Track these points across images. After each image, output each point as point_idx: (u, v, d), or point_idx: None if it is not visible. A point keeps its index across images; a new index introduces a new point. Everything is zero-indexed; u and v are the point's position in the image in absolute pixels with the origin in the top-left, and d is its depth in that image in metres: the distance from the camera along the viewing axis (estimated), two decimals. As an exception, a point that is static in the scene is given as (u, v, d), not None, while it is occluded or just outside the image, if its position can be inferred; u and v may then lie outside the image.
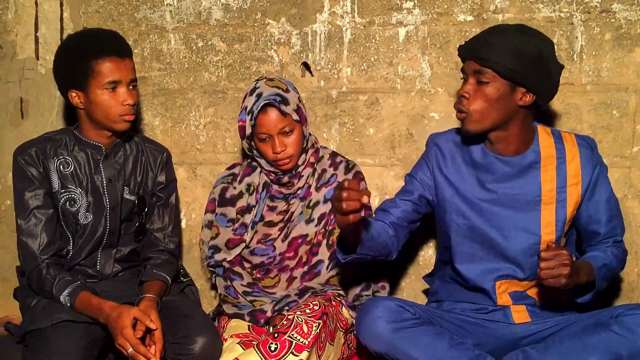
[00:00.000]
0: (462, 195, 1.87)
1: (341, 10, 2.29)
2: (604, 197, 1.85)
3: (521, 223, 1.82)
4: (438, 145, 1.94)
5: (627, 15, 2.12)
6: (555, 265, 1.63)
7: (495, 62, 1.71)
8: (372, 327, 1.74)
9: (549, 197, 1.82)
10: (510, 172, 1.83)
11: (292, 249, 2.01)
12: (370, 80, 2.31)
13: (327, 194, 2.02)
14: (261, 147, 1.96)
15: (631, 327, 1.62)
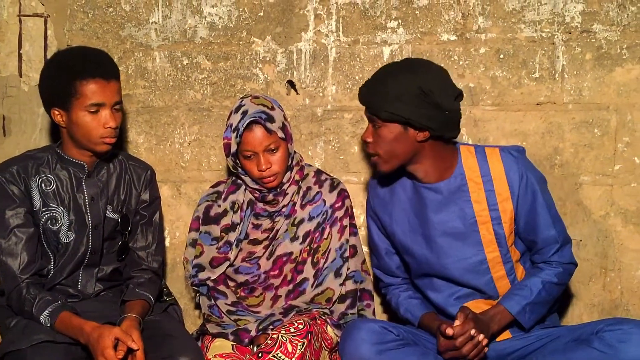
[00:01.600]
0: (405, 233, 1.92)
1: (326, 29, 2.31)
2: (536, 205, 1.84)
3: (465, 248, 1.85)
4: (374, 189, 2.00)
5: (607, 36, 2.15)
6: (457, 355, 1.73)
7: (378, 111, 1.78)
8: (356, 350, 1.74)
9: (483, 216, 1.84)
10: (441, 200, 1.86)
11: (276, 267, 1.99)
12: (355, 98, 2.29)
13: (312, 211, 2.02)
14: (246, 164, 1.96)
15: (611, 343, 1.63)
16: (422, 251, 1.89)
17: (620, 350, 1.61)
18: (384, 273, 2.05)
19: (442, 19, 2.24)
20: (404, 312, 1.97)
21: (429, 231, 1.87)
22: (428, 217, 1.87)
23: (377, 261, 2.06)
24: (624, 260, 2.20)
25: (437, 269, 1.88)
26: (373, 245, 2.04)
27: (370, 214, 2.03)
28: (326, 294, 1.97)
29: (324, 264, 1.99)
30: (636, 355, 1.60)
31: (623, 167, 2.17)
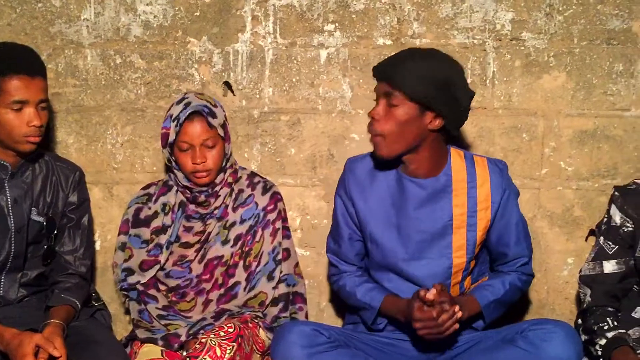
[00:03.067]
0: (376, 222, 1.87)
1: (263, 30, 2.30)
2: (512, 220, 1.88)
3: (434, 248, 1.84)
4: (353, 171, 1.93)
5: (536, 44, 2.22)
6: (431, 325, 1.69)
7: (404, 85, 1.73)
8: (287, 353, 1.73)
9: (460, 221, 1.83)
10: (424, 196, 1.83)
11: (208, 271, 1.97)
12: (292, 100, 2.32)
13: (244, 214, 2.00)
14: (181, 157, 1.93)
15: (535, 342, 1.67)
16: (391, 244, 1.84)
17: (542, 349, 1.66)
18: (340, 259, 1.97)
19: (378, 23, 2.26)
20: (362, 295, 1.89)
21: (405, 225, 1.84)
22: (407, 211, 1.84)
23: (335, 246, 1.98)
24: (550, 262, 2.27)
25: (402, 266, 1.85)
26: (336, 228, 1.96)
27: (341, 194, 1.94)
28: (259, 298, 1.96)
29: (256, 268, 1.98)
30: (557, 354, 1.65)
31: (549, 171, 2.25)
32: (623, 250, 1.86)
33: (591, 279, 1.89)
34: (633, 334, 1.85)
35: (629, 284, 1.88)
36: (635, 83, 2.19)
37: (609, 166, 2.22)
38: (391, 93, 1.75)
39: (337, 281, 1.99)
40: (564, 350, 1.65)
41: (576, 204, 2.24)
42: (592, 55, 2.20)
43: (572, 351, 1.65)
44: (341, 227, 1.94)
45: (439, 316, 1.69)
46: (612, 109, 2.21)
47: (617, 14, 2.18)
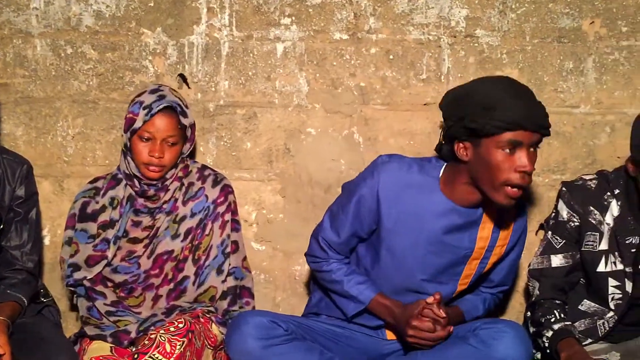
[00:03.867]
0: (402, 234, 1.78)
1: (219, 23, 2.27)
2: (514, 256, 1.90)
3: (447, 273, 1.83)
4: (391, 174, 1.77)
5: (489, 41, 2.25)
6: (424, 337, 1.71)
7: (548, 128, 1.67)
8: (242, 345, 1.73)
9: (478, 253, 1.82)
10: (457, 224, 1.77)
11: (157, 266, 1.94)
12: (248, 94, 2.30)
13: (194, 207, 1.98)
14: (138, 145, 1.91)
15: (486, 340, 1.70)
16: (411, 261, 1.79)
17: (492, 347, 1.69)
18: (332, 248, 1.88)
19: (335, 17, 2.26)
20: (351, 287, 1.83)
21: (429, 246, 1.77)
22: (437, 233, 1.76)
23: (333, 235, 1.85)
24: (502, 255, 2.31)
25: (411, 283, 1.81)
26: (344, 220, 1.82)
27: (365, 193, 1.78)
28: (209, 293, 1.95)
29: (205, 262, 1.96)
30: (507, 352, 1.68)
31: (502, 166, 2.29)
32: (570, 245, 1.91)
33: (539, 272, 1.93)
34: (579, 325, 1.90)
35: (576, 277, 1.93)
36: (585, 81, 2.25)
37: (558, 162, 2.27)
38: (539, 140, 1.67)
39: (321, 263, 1.90)
40: (513, 349, 1.68)
41: (527, 198, 2.29)
42: (543, 52, 2.24)
43: (521, 350, 1.68)
44: (348, 220, 1.82)
45: (434, 330, 1.71)
46: (562, 106, 2.26)
47: (568, 13, 2.22)
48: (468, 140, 1.66)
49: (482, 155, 1.63)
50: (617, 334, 1.89)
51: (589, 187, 1.89)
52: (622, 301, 1.85)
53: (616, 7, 2.21)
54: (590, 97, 2.25)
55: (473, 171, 1.68)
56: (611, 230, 1.85)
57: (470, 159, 1.67)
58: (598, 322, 1.89)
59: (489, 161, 1.62)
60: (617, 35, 2.22)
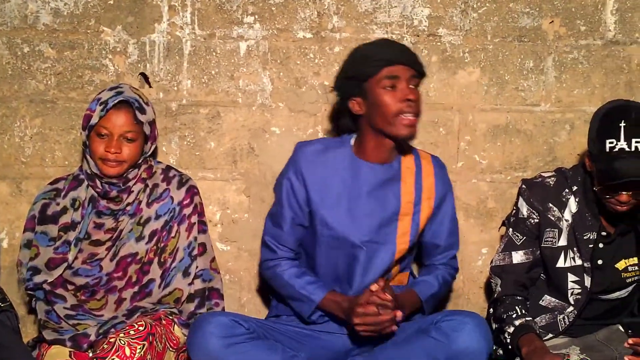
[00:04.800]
0: (328, 203, 1.87)
1: (181, 21, 2.25)
2: (449, 213, 1.97)
3: (381, 233, 1.87)
4: (304, 152, 1.92)
5: (451, 40, 2.27)
6: (370, 322, 1.73)
7: (422, 70, 1.90)
8: (204, 343, 1.72)
9: (407, 209, 1.89)
10: (377, 182, 1.88)
11: (120, 269, 1.91)
12: (211, 93, 2.28)
13: (159, 209, 1.95)
14: (95, 142, 1.88)
15: (447, 332, 1.72)
16: (342, 227, 1.86)
17: (453, 339, 1.70)
18: (279, 244, 1.94)
19: (298, 16, 2.25)
20: (302, 287, 1.88)
21: (356, 208, 1.87)
22: (360, 195, 1.87)
23: (276, 230, 1.94)
24: (466, 252, 2.33)
25: (350, 249, 1.86)
26: (279, 211, 1.92)
27: (290, 176, 1.90)
28: (174, 295, 1.92)
29: (171, 264, 1.93)
30: (468, 343, 1.70)
31: (465, 164, 2.31)
32: (530, 241, 1.94)
33: (501, 269, 1.95)
34: (540, 321, 1.93)
35: (536, 273, 1.96)
36: (545, 79, 2.28)
37: (520, 159, 2.30)
38: (419, 77, 1.86)
39: (272, 267, 1.95)
40: (474, 340, 1.70)
41: (490, 196, 2.31)
42: (504, 51, 2.27)
43: (481, 340, 1.70)
44: (285, 209, 1.91)
45: (379, 314, 1.73)
46: (523, 104, 2.29)
47: (528, 12, 2.25)
48: (358, 95, 1.83)
49: (372, 100, 1.81)
50: (577, 329, 1.93)
51: (547, 184, 1.92)
52: (581, 296, 1.89)
53: (575, 6, 2.25)
54: (550, 95, 2.28)
55: (371, 120, 1.84)
56: (570, 227, 1.88)
57: (365, 111, 1.84)
58: (558, 317, 1.92)
59: (378, 102, 1.80)
60: (575, 34, 2.26)
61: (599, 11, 2.24)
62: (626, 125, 1.72)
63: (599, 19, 2.25)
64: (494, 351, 1.96)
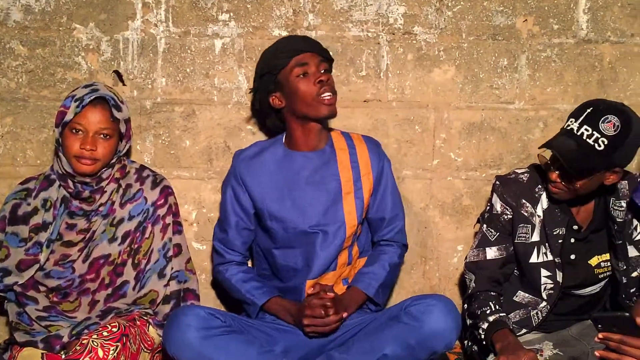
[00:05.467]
0: (272, 199, 1.95)
1: (155, 18, 2.22)
2: (389, 187, 2.06)
3: (328, 214, 1.94)
4: (241, 158, 2.02)
5: (427, 38, 2.28)
6: (318, 324, 1.83)
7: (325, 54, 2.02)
8: (181, 336, 1.72)
9: (347, 187, 1.97)
10: (313, 167, 1.96)
11: (93, 270, 1.89)
12: (186, 91, 2.26)
13: (133, 210, 1.94)
14: (70, 139, 1.85)
15: (417, 315, 1.75)
16: (290, 216, 1.93)
17: (423, 321, 1.73)
18: (227, 248, 2.04)
19: (274, 14, 2.25)
20: (247, 291, 1.97)
21: (299, 197, 1.94)
22: (300, 183, 1.95)
23: (222, 235, 2.04)
24: (441, 249, 2.35)
25: (302, 236, 1.93)
26: (224, 217, 2.03)
27: (231, 183, 2.01)
28: (149, 296, 1.91)
29: (145, 265, 1.92)
30: (438, 325, 1.73)
31: (440, 162, 2.32)
32: (504, 237, 1.95)
33: (475, 265, 1.97)
34: (514, 316, 1.95)
35: (510, 269, 1.98)
36: (519, 77, 2.30)
37: (494, 157, 2.32)
38: (326, 66, 1.96)
39: (222, 272, 2.05)
40: (443, 321, 1.73)
41: (465, 193, 2.33)
42: (479, 50, 2.28)
43: (450, 321, 1.74)
44: (229, 214, 2.01)
45: (327, 315, 1.82)
46: (498, 102, 2.30)
47: (502, 11, 2.27)
48: (275, 90, 1.94)
49: (288, 90, 1.91)
50: (550, 324, 1.95)
51: (521, 180, 1.94)
52: (553, 291, 1.91)
53: (548, 5, 2.27)
54: (524, 93, 2.30)
55: (292, 109, 1.93)
56: (541, 222, 1.90)
57: (285, 103, 1.94)
58: (532, 312, 1.94)
59: (294, 90, 1.90)
60: (549, 33, 2.28)
61: (571, 10, 2.27)
62: (590, 112, 1.76)
63: (571, 17, 2.27)
64: (469, 347, 1.98)
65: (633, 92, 2.29)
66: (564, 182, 1.79)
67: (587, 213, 1.90)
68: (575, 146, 1.73)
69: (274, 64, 1.91)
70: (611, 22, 2.27)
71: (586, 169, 1.74)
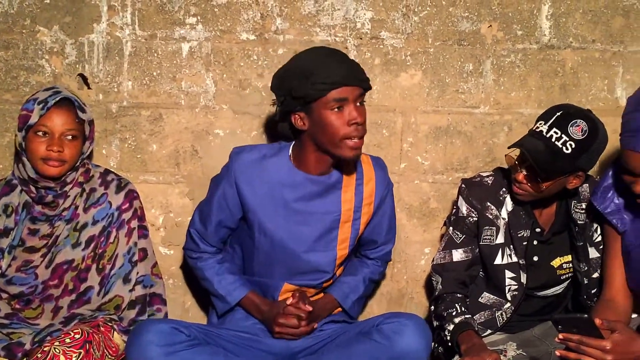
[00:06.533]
0: (266, 213, 1.86)
1: (121, 21, 2.20)
2: (388, 212, 2.00)
3: (321, 241, 1.89)
4: (240, 160, 1.88)
5: (394, 43, 2.30)
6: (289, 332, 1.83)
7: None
8: (143, 353, 1.69)
9: (347, 216, 1.89)
10: (315, 191, 1.86)
11: (56, 276, 1.86)
12: (153, 95, 2.24)
13: (97, 214, 1.91)
14: (34, 141, 1.82)
15: (388, 334, 1.75)
16: (281, 236, 1.86)
17: (395, 341, 1.74)
18: (202, 239, 1.96)
19: (242, 18, 2.24)
20: (220, 287, 1.93)
21: (295, 219, 1.86)
22: (298, 205, 1.86)
23: (201, 227, 1.96)
24: (409, 252, 2.37)
25: (289, 258, 1.88)
26: (208, 211, 1.93)
27: (224, 182, 1.88)
28: (114, 302, 1.89)
29: (110, 271, 1.90)
30: (409, 346, 1.73)
31: (408, 165, 2.34)
32: (469, 239, 1.98)
33: (442, 267, 1.99)
34: (479, 317, 1.98)
35: (475, 271, 2.01)
36: (484, 82, 2.33)
37: (461, 160, 2.35)
38: (363, 94, 1.81)
39: (195, 258, 2.00)
40: (414, 342, 1.74)
41: (432, 196, 2.35)
42: (445, 55, 2.31)
43: (421, 342, 1.75)
44: (213, 212, 1.92)
45: (299, 326, 1.83)
46: (464, 107, 2.34)
47: (467, 17, 2.30)
48: (301, 111, 1.77)
49: (317, 120, 1.75)
50: (514, 325, 1.98)
51: (486, 183, 1.97)
52: (517, 292, 1.94)
53: (512, 11, 2.31)
54: (489, 97, 2.34)
55: (314, 137, 1.79)
56: (506, 225, 1.93)
57: (308, 127, 1.78)
58: (496, 313, 1.97)
59: (324, 123, 1.74)
60: (512, 39, 2.32)
61: (534, 16, 2.31)
62: (559, 116, 1.79)
63: (534, 23, 2.32)
64: (435, 349, 2.00)
65: (594, 97, 2.35)
66: (530, 183, 1.82)
67: (550, 216, 1.94)
68: (543, 147, 1.76)
69: (308, 93, 1.72)
70: (573, 29, 2.32)
71: (553, 171, 1.78)
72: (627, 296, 1.80)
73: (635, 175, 1.65)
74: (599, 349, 1.48)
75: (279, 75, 1.83)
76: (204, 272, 1.97)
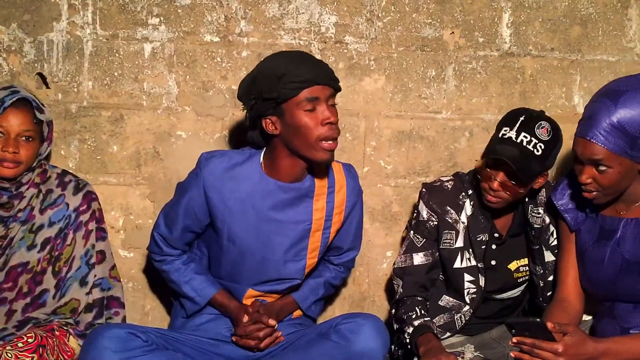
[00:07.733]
0: (235, 221, 1.83)
1: (81, 20, 2.17)
2: (355, 221, 2.00)
3: (292, 250, 1.88)
4: (210, 167, 1.82)
5: (357, 47, 2.32)
6: (253, 345, 1.83)
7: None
8: (99, 359, 1.65)
9: (317, 225, 1.88)
10: (287, 200, 1.84)
11: (10, 279, 1.82)
12: (114, 95, 2.21)
13: (53, 216, 1.88)
14: None
15: (346, 334, 1.76)
16: (250, 244, 1.84)
17: (352, 341, 1.74)
18: (167, 243, 1.92)
19: (205, 19, 2.23)
20: (189, 290, 1.91)
21: (265, 227, 1.83)
22: (269, 213, 1.82)
23: (166, 231, 1.91)
24: (371, 256, 2.38)
25: (257, 266, 1.86)
26: (174, 217, 1.88)
27: (192, 189, 1.83)
28: (70, 305, 1.85)
29: (66, 273, 1.86)
30: (366, 344, 1.74)
31: (371, 169, 2.36)
32: (430, 243, 2.00)
33: (402, 270, 2.01)
34: (439, 320, 2.00)
35: (436, 274, 2.03)
36: (446, 88, 2.37)
37: (423, 164, 2.38)
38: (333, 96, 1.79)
39: (159, 261, 1.97)
40: (371, 341, 1.75)
41: (394, 200, 2.37)
42: (408, 60, 2.34)
43: (378, 341, 1.75)
44: (179, 218, 1.87)
45: (263, 338, 1.82)
46: (426, 112, 2.36)
47: (430, 23, 2.33)
48: (273, 114, 1.74)
49: (289, 122, 1.73)
50: (473, 327, 2.01)
51: (445, 187, 2.00)
52: (476, 295, 1.97)
53: (473, 19, 2.35)
54: (451, 103, 2.37)
55: (287, 141, 1.76)
56: (465, 229, 1.96)
57: (280, 131, 1.75)
58: (455, 315, 1.99)
59: (297, 125, 1.72)
60: (474, 46, 2.36)
61: (495, 24, 2.36)
62: (523, 120, 1.83)
63: (495, 31, 2.36)
64: (395, 351, 2.01)
65: (552, 104, 2.40)
66: (506, 190, 1.84)
67: (507, 219, 1.98)
68: (518, 153, 1.79)
69: (280, 92, 1.69)
70: (532, 37, 2.37)
71: (531, 175, 1.82)
72: (579, 296, 1.83)
73: (582, 163, 1.69)
74: (551, 351, 1.51)
75: (247, 79, 1.79)
76: (170, 275, 1.95)
